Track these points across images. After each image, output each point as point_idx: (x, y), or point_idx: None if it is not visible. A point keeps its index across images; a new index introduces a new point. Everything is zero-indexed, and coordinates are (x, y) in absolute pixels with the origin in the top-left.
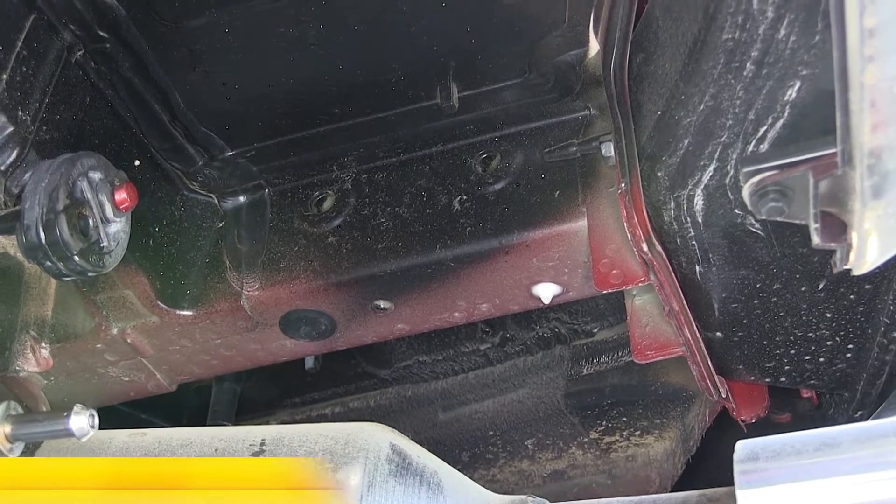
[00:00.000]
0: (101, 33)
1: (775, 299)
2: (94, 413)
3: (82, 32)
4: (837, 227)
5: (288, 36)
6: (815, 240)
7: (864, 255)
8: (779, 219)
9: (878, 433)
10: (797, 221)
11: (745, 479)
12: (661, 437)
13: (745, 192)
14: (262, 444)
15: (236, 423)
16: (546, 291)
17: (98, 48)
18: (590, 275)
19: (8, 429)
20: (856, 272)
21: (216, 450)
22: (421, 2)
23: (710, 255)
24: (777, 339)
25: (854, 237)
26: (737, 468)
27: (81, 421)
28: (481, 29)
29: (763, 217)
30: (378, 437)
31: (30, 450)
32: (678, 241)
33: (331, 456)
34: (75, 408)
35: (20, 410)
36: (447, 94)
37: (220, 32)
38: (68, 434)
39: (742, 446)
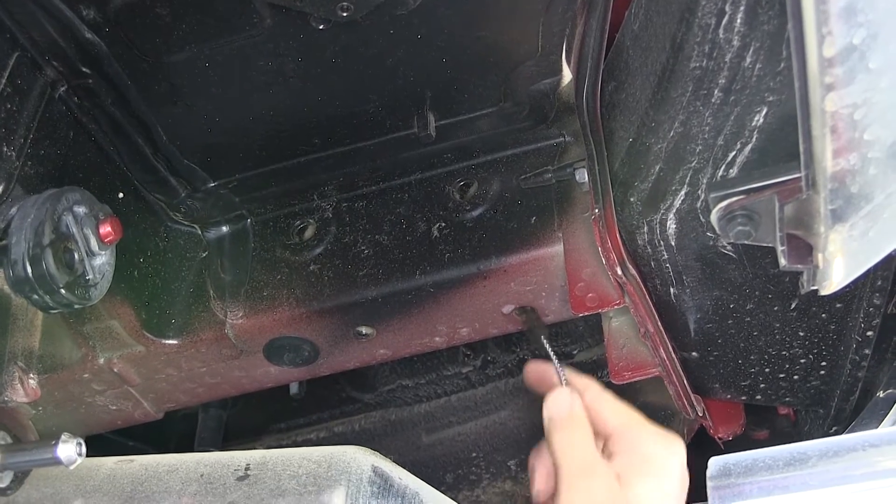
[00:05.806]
0: (84, 69)
1: (749, 319)
2: (82, 441)
3: (65, 68)
4: (804, 249)
5: (267, 69)
6: (783, 262)
7: (831, 276)
8: (746, 242)
9: (846, 447)
10: (764, 244)
11: (718, 495)
12: None
13: (713, 217)
14: (247, 468)
15: (223, 449)
16: None
17: (81, 84)
18: (567, 298)
19: None
20: (823, 293)
21: (202, 475)
22: (397, 35)
23: (684, 278)
24: (752, 357)
25: (820, 259)
26: (710, 484)
27: (69, 449)
28: (456, 60)
29: (731, 240)
30: (360, 459)
31: (18, 478)
32: (652, 264)
33: (314, 479)
34: (62, 436)
35: (9, 440)
36: (424, 124)
37: (201, 67)
38: (56, 462)
39: (714, 462)
